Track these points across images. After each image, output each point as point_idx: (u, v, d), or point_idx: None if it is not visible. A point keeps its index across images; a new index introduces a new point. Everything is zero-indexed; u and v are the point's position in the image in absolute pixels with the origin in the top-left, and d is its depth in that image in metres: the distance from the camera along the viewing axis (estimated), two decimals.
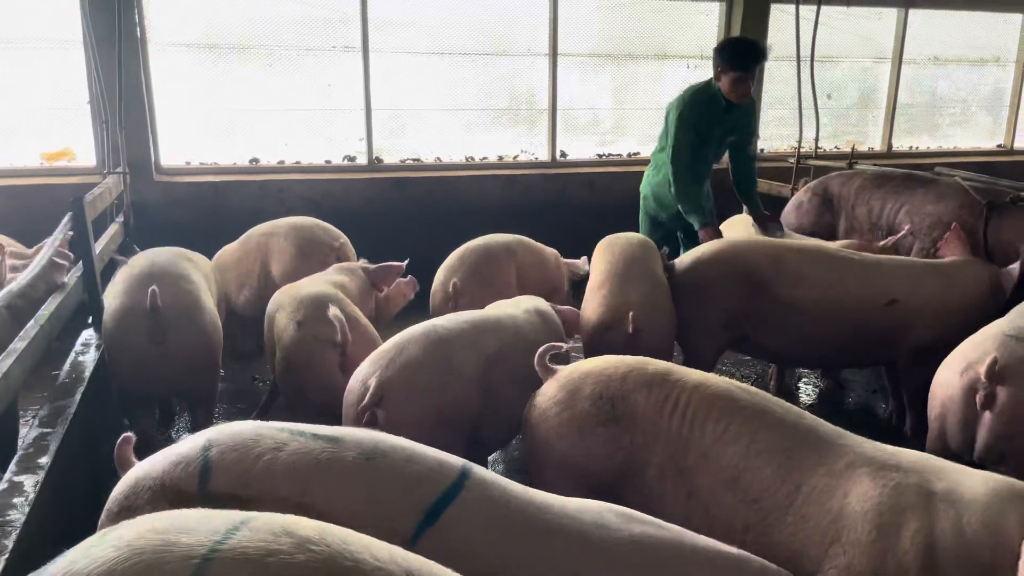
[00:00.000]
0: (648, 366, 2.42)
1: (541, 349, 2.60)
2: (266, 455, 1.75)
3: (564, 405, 2.39)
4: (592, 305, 3.44)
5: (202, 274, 3.65)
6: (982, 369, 2.65)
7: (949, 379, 2.82)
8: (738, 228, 4.70)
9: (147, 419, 3.40)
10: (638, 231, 4.58)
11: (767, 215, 4.65)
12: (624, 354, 2.76)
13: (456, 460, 1.90)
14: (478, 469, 1.90)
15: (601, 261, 3.66)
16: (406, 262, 4.01)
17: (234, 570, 1.20)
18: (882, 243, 4.18)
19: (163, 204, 5.51)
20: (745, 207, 4.82)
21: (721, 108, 4.37)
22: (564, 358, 2.64)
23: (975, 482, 2.00)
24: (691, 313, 3.65)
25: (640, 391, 2.33)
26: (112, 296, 3.34)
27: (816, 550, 2.04)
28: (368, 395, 2.57)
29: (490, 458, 3.44)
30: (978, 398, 2.67)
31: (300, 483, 1.73)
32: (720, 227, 4.47)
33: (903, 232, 4.23)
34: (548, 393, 2.47)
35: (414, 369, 2.64)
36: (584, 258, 4.36)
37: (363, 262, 4.04)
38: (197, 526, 1.27)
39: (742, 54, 4.25)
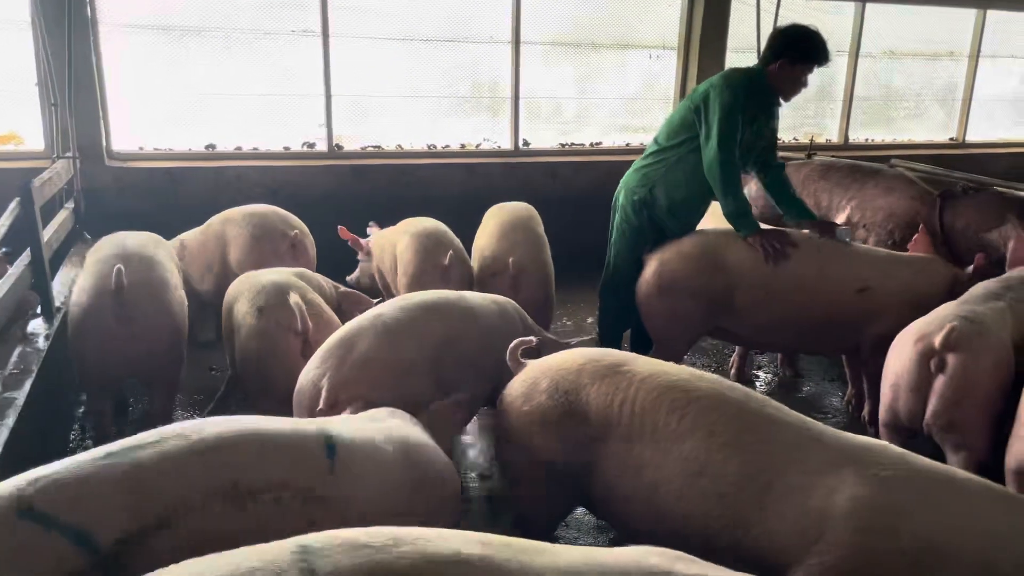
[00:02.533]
0: (604, 358, 2.38)
1: (513, 344, 2.60)
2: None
3: (525, 399, 2.41)
4: (478, 254, 4.16)
5: (169, 258, 3.67)
6: (937, 338, 2.81)
7: (903, 349, 2.97)
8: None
9: (105, 404, 3.34)
10: (599, 221, 4.51)
11: (829, 222, 4.16)
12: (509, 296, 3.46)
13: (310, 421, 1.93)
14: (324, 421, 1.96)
15: (490, 223, 4.30)
16: (377, 301, 3.58)
17: None
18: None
19: (115, 190, 5.36)
20: (799, 221, 4.08)
21: (769, 104, 3.83)
22: (535, 352, 2.63)
23: (963, 485, 2.01)
24: (672, 305, 3.67)
25: (593, 384, 2.30)
26: (81, 278, 3.34)
27: (796, 548, 1.98)
28: (322, 400, 2.52)
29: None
30: (932, 364, 2.83)
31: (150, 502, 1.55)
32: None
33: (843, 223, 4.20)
34: (514, 387, 2.49)
35: (365, 367, 2.60)
36: None
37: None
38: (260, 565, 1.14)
39: (822, 46, 3.74)
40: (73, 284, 3.58)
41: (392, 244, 4.23)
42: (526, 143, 6.59)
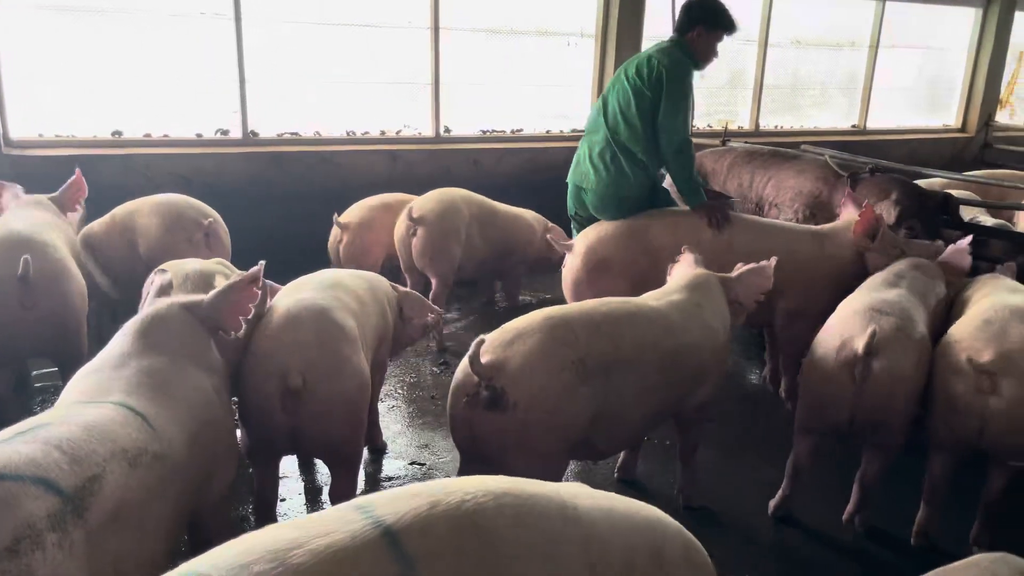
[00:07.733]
0: (573, 312, 2.59)
1: (474, 345, 2.37)
2: None
3: (544, 384, 2.38)
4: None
5: (65, 239, 3.64)
6: (860, 343, 2.71)
7: (825, 357, 2.85)
8: None
9: (4, 380, 3.44)
10: (521, 207, 4.55)
11: (715, 191, 4.44)
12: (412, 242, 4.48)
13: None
14: None
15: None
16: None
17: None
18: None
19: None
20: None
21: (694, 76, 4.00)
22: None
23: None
24: (602, 285, 3.73)
25: (591, 338, 2.50)
26: None
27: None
28: (291, 393, 2.44)
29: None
30: (856, 372, 2.73)
31: None
32: None
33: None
34: (526, 378, 2.37)
35: (329, 352, 2.55)
36: None
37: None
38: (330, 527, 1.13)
39: (731, 17, 3.94)
40: None
41: None
42: (447, 130, 6.55)
